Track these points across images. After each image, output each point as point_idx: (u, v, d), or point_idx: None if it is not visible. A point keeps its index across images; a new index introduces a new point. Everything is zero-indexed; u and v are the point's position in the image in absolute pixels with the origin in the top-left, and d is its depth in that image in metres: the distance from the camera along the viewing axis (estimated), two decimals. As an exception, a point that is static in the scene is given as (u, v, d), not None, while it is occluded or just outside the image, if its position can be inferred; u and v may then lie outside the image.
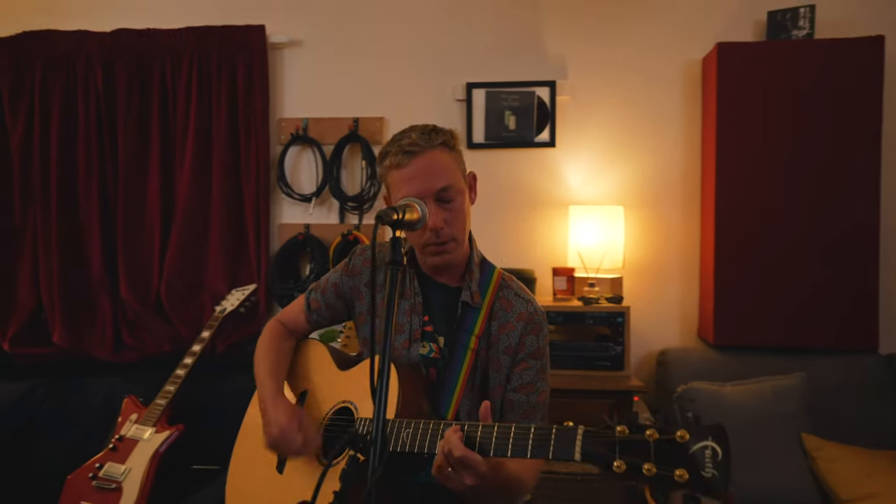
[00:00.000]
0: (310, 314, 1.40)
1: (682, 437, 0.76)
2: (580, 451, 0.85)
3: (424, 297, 1.28)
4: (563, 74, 2.37)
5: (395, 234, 0.88)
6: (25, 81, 2.48)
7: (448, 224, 1.18)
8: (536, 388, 1.24)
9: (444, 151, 1.18)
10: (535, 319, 1.25)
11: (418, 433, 1.04)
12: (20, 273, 2.48)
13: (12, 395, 2.23)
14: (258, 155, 2.42)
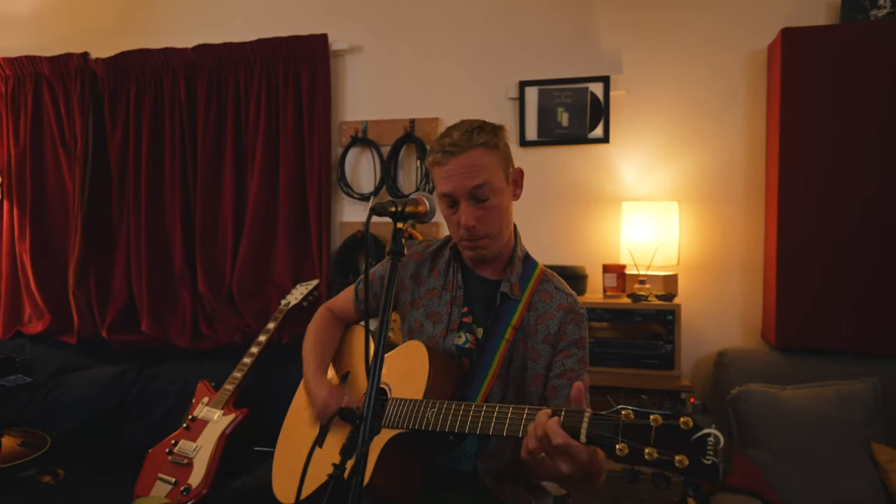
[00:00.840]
0: (358, 303, 1.48)
1: (686, 423, 0.77)
2: (586, 433, 0.87)
3: (466, 289, 1.34)
4: (617, 69, 2.33)
5: (397, 226, 0.93)
6: (121, 96, 2.76)
7: (482, 222, 1.23)
8: (579, 376, 1.26)
9: (482, 151, 1.22)
10: (576, 310, 1.29)
11: (442, 413, 1.09)
12: (116, 268, 2.76)
13: (107, 378, 2.49)
14: (321, 157, 2.55)
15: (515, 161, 2.39)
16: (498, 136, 1.26)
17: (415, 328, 1.38)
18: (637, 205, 2.19)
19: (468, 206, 1.22)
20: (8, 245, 2.91)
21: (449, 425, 1.05)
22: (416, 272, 1.40)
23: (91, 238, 2.76)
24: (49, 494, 2.08)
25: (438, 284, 1.36)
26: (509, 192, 1.27)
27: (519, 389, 1.29)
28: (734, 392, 1.92)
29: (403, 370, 1.25)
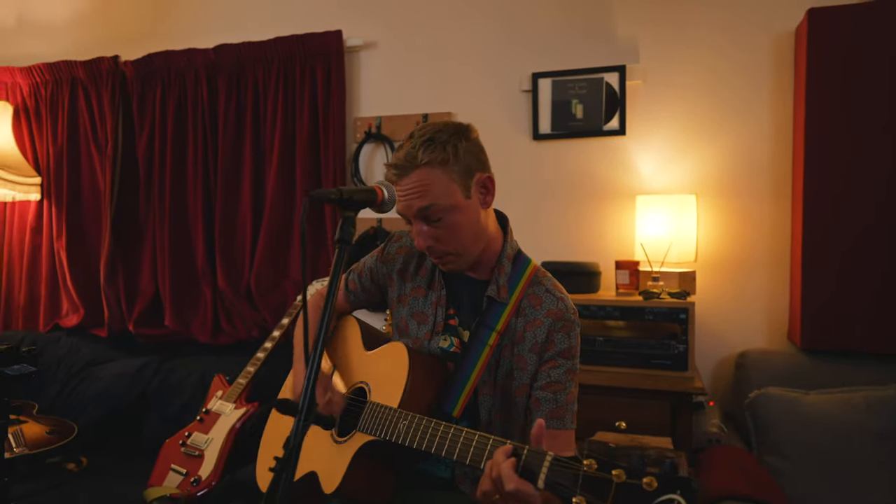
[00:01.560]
0: (348, 294, 1.46)
1: (650, 484, 0.73)
2: (545, 479, 0.83)
3: (453, 289, 1.29)
4: (633, 58, 2.25)
5: (346, 214, 0.91)
6: (148, 97, 2.84)
7: (440, 241, 1.18)
8: (565, 388, 1.20)
9: (427, 170, 1.13)
10: (566, 317, 1.20)
11: (412, 427, 1.06)
12: (143, 264, 2.85)
13: (131, 370, 2.57)
14: (335, 153, 2.56)
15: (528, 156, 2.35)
16: (450, 149, 1.14)
17: (401, 326, 1.34)
18: (652, 198, 2.10)
19: (420, 226, 1.17)
20: (47, 242, 3.04)
21: (417, 442, 1.02)
22: (403, 268, 1.36)
23: (120, 235, 2.86)
24: (71, 481, 2.16)
25: (424, 283, 1.32)
26: (472, 205, 1.18)
27: (506, 398, 1.23)
28: (752, 395, 1.81)
29: (384, 372, 1.23)
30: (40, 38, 3.17)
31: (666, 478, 0.73)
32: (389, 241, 1.40)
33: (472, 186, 1.18)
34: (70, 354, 2.75)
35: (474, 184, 1.18)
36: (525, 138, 2.37)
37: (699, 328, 2.13)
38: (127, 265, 2.86)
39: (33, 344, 2.83)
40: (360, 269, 1.44)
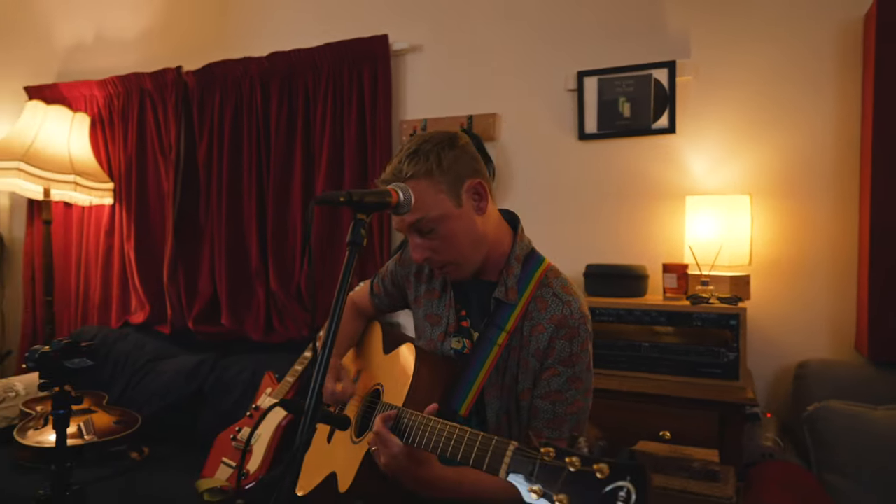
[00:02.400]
0: (373, 298, 1.49)
1: (601, 471, 0.71)
2: (507, 469, 0.82)
3: (463, 291, 1.28)
4: (684, 53, 2.16)
5: (358, 217, 0.91)
6: (207, 104, 2.98)
7: (437, 252, 1.18)
8: (565, 398, 1.16)
9: (415, 182, 1.12)
10: (570, 323, 1.17)
11: (414, 426, 1.05)
12: (202, 265, 2.99)
13: (189, 366, 2.69)
14: (382, 156, 2.59)
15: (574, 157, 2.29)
16: (433, 158, 1.13)
17: (419, 328, 1.36)
18: (703, 199, 2.01)
19: (415, 239, 1.17)
20: (119, 243, 3.24)
21: (417, 441, 1.02)
22: (418, 270, 1.37)
23: (182, 237, 3.01)
24: (134, 469, 2.29)
25: (438, 285, 1.32)
26: (464, 213, 1.16)
27: (512, 401, 1.22)
28: (811, 408, 1.70)
29: (394, 373, 1.24)
30: (114, 53, 3.38)
31: (618, 465, 0.71)
32: (406, 244, 1.40)
33: (463, 194, 1.17)
34: (136, 350, 2.92)
35: (465, 191, 1.17)
36: (570, 138, 2.32)
37: (755, 335, 2.02)
38: (187, 266, 3.00)
39: (104, 339, 3.02)
40: (384, 273, 1.46)
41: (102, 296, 3.29)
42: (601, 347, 1.91)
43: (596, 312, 1.92)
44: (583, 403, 1.20)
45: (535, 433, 1.19)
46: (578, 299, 1.22)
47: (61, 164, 2.97)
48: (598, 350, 1.91)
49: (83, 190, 3.05)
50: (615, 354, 1.89)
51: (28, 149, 2.91)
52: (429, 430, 1.00)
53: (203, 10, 3.14)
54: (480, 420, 1.23)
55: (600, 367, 1.91)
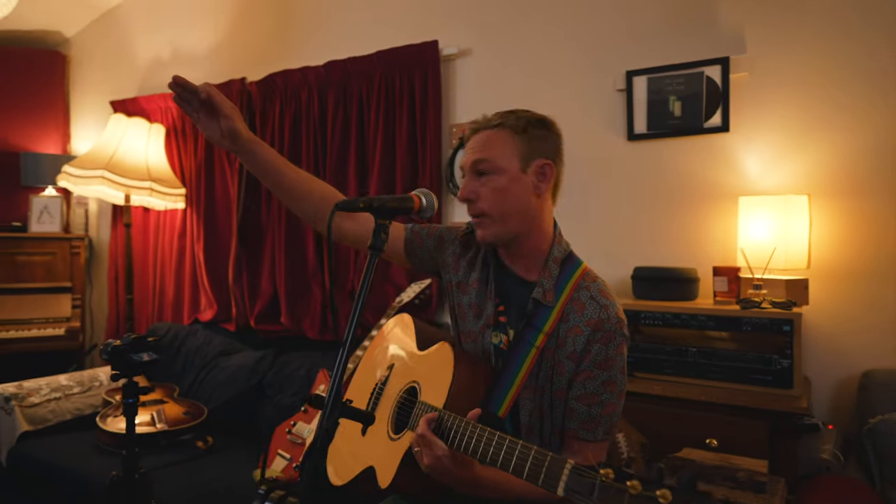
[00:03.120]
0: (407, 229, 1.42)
1: (664, 496, 0.72)
2: (564, 487, 0.83)
3: (501, 286, 1.30)
4: (739, 48, 2.08)
5: (379, 222, 0.95)
6: (269, 112, 3.13)
7: (481, 198, 1.21)
8: (600, 400, 1.18)
9: (497, 131, 1.22)
10: (606, 327, 1.18)
11: (454, 429, 1.06)
12: (263, 266, 3.14)
13: (251, 362, 2.84)
14: (432, 160, 2.64)
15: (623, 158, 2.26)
16: (524, 123, 1.23)
17: (458, 314, 1.37)
18: (757, 200, 1.93)
19: (469, 179, 1.23)
20: (190, 245, 3.45)
21: (461, 445, 1.04)
22: (462, 252, 1.38)
23: (245, 240, 3.17)
24: (199, 457, 2.44)
25: (483, 276, 1.34)
26: (524, 181, 1.21)
27: (545, 401, 1.23)
28: (873, 421, 1.61)
29: (432, 372, 1.26)
30: (187, 67, 3.60)
31: (681, 491, 0.71)
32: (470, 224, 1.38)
33: (532, 165, 1.22)
34: (204, 345, 3.10)
35: (534, 165, 1.22)
36: (619, 139, 2.29)
37: (816, 343, 1.93)
38: (250, 267, 3.16)
39: (176, 335, 3.23)
40: (431, 229, 1.43)
41: (175, 294, 3.52)
42: (646, 351, 1.87)
43: (641, 316, 1.88)
44: (616, 406, 1.20)
45: (570, 434, 1.20)
46: (615, 303, 1.23)
47: (139, 171, 3.20)
48: (643, 354, 1.88)
49: (158, 195, 3.27)
50: (661, 359, 1.85)
51: (111, 158, 3.16)
52: (475, 438, 1.01)
53: (266, 24, 3.30)
54: (515, 421, 1.25)
55: (644, 371, 1.87)
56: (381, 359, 1.49)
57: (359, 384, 1.54)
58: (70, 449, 2.49)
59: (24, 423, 2.60)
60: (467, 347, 1.34)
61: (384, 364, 1.46)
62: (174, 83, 1.18)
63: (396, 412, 1.32)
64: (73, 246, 3.89)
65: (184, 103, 1.21)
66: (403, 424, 1.26)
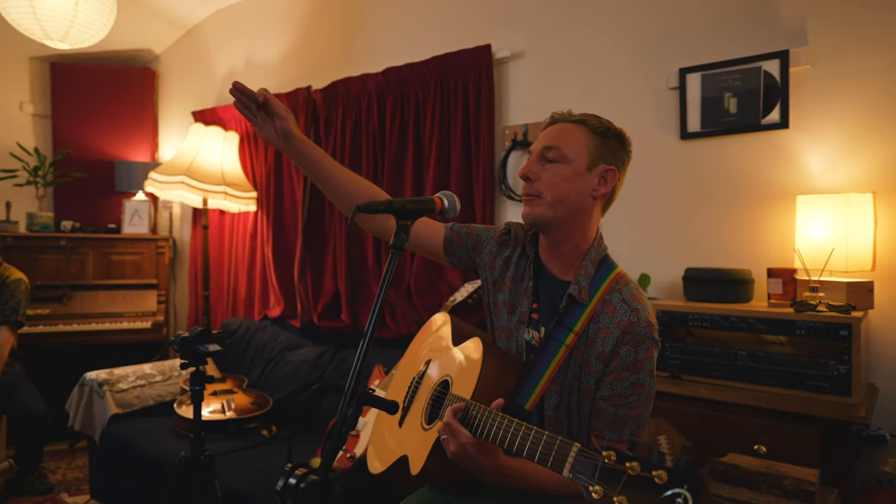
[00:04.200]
0: (448, 228, 1.47)
1: (660, 477, 0.75)
2: (570, 468, 0.87)
3: (538, 285, 1.34)
4: (799, 41, 1.99)
5: (401, 223, 1.01)
6: (332, 119, 3.28)
7: (540, 180, 1.25)
8: (628, 402, 1.19)
9: (576, 126, 1.27)
10: (636, 331, 1.19)
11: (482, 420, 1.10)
12: (326, 266, 3.29)
13: (313, 357, 2.98)
14: (485, 162, 2.68)
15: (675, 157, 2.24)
16: (604, 129, 1.27)
17: (493, 311, 1.40)
18: (817, 199, 1.84)
19: (534, 161, 1.27)
20: (260, 246, 3.67)
21: (484, 433, 1.08)
22: (498, 251, 1.41)
23: (310, 241, 3.33)
24: (263, 444, 2.60)
25: (518, 274, 1.37)
26: (586, 179, 1.25)
27: (572, 397, 1.25)
28: (939, 434, 1.51)
29: (463, 366, 1.31)
30: (259, 77, 3.83)
31: (676, 473, 0.74)
32: (511, 228, 1.43)
33: (598, 168, 1.26)
34: (272, 340, 3.29)
35: (600, 167, 1.26)
36: (672, 138, 2.24)
37: (884, 349, 1.82)
38: (314, 266, 3.32)
39: (247, 330, 3.44)
40: (470, 229, 1.47)
41: (247, 291, 3.74)
42: (694, 354, 1.83)
43: (689, 318, 1.85)
44: (644, 408, 1.21)
45: (596, 433, 1.22)
46: (647, 308, 1.24)
47: (215, 176, 3.43)
48: (691, 357, 1.84)
49: (232, 199, 3.49)
50: (709, 362, 1.81)
51: (190, 164, 3.41)
52: (496, 425, 1.06)
53: (329, 35, 3.45)
54: (541, 414, 1.27)
55: (691, 374, 1.84)
56: (421, 354, 1.56)
57: (399, 378, 1.61)
58: (151, 431, 2.71)
59: (113, 406, 2.86)
60: (501, 343, 1.38)
61: (422, 359, 1.52)
62: (234, 89, 1.30)
63: (431, 404, 1.38)
64: (159, 246, 4.23)
65: (243, 108, 1.33)
66: (436, 416, 1.32)
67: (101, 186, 4.37)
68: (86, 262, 4.00)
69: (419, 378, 1.48)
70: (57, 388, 3.28)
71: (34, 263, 3.75)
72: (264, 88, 1.31)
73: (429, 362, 1.48)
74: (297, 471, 0.95)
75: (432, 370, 1.44)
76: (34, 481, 3.09)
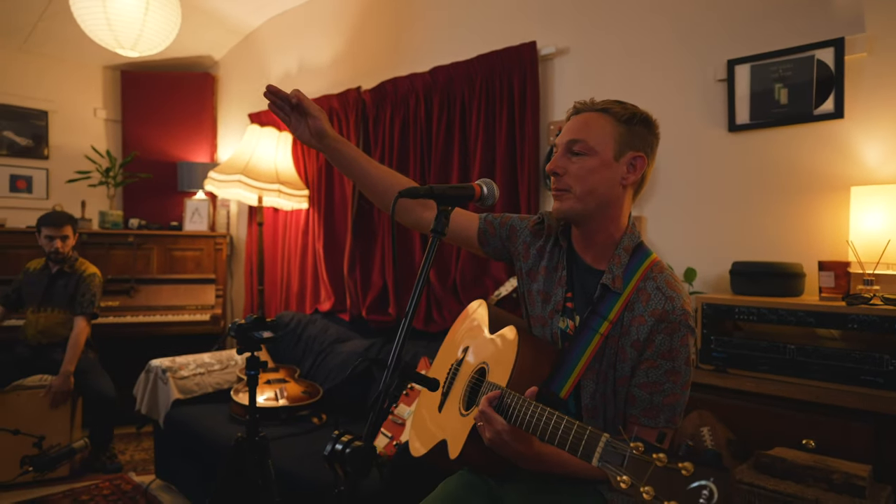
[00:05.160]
0: (482, 218, 1.50)
1: (686, 469, 0.77)
2: (599, 457, 0.89)
3: (572, 275, 1.35)
4: (855, 27, 1.93)
5: (442, 209, 1.05)
6: (381, 118, 3.36)
7: (568, 174, 1.25)
8: (663, 389, 1.20)
9: (599, 115, 1.26)
10: (671, 318, 1.20)
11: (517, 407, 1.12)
12: (374, 261, 3.38)
13: (361, 349, 3.08)
14: (529, 157, 2.70)
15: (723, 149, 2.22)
16: (628, 115, 1.25)
17: (528, 300, 1.43)
18: (873, 189, 1.78)
19: (560, 155, 1.27)
20: (312, 242, 3.80)
21: (518, 421, 1.10)
22: (532, 241, 1.43)
23: (359, 237, 3.43)
24: (313, 430, 2.70)
25: (552, 264, 1.39)
26: (614, 168, 1.24)
27: (608, 386, 1.26)
28: None
29: (498, 354, 1.33)
30: (311, 79, 3.97)
31: (702, 465, 0.75)
32: (543, 217, 1.45)
33: (626, 156, 1.25)
34: (322, 333, 3.40)
35: (628, 155, 1.25)
36: (720, 131, 2.21)
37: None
38: (363, 261, 3.42)
39: (298, 323, 3.57)
40: (503, 219, 1.50)
41: (299, 286, 3.88)
42: (740, 348, 1.81)
43: (735, 311, 1.82)
44: (680, 396, 1.21)
45: (631, 420, 1.23)
46: (681, 295, 1.23)
47: (269, 175, 3.58)
48: (737, 350, 1.82)
49: (285, 196, 3.64)
50: (756, 356, 1.78)
51: (247, 164, 3.57)
52: (529, 414, 1.08)
53: (378, 36, 3.55)
54: (577, 402, 1.29)
55: (737, 368, 1.81)
56: (459, 341, 1.60)
57: (439, 363, 1.66)
58: (209, 416, 2.86)
59: (176, 391, 3.03)
60: (536, 332, 1.40)
61: (460, 345, 1.56)
62: (268, 92, 1.36)
63: (468, 391, 1.42)
64: (217, 243, 4.43)
65: (278, 109, 1.38)
66: (473, 402, 1.36)
67: (164, 186, 4.62)
68: (151, 257, 4.24)
69: (457, 364, 1.52)
70: (126, 375, 3.50)
71: (106, 258, 4.00)
72: (297, 90, 1.36)
73: (466, 349, 1.52)
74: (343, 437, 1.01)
75: (470, 356, 1.48)
76: (105, 461, 3.30)
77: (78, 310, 3.32)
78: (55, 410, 3.16)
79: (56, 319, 3.33)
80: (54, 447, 2.90)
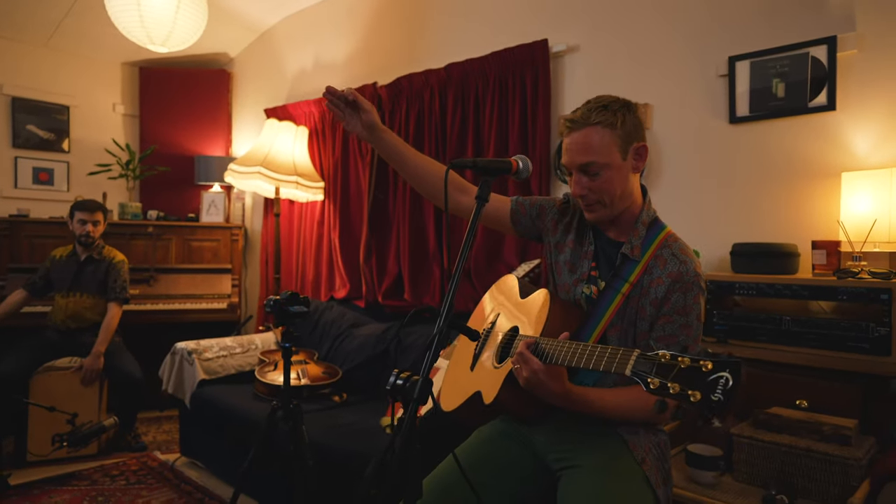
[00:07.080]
0: (514, 201, 1.66)
1: (706, 366, 0.92)
2: (631, 368, 1.05)
3: (596, 248, 1.52)
4: (847, 26, 2.09)
5: (484, 179, 1.21)
6: (396, 113, 3.52)
7: (592, 191, 1.41)
8: (678, 341, 1.37)
9: (596, 129, 1.37)
10: (685, 279, 1.37)
11: (554, 348, 1.29)
12: (389, 249, 3.53)
13: (378, 332, 3.22)
14: (541, 150, 2.86)
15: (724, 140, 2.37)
16: (619, 115, 1.37)
17: (554, 270, 1.60)
18: (861, 174, 1.94)
19: (578, 177, 1.42)
20: (327, 232, 3.95)
21: (554, 360, 1.25)
22: (559, 217, 1.60)
23: (374, 226, 3.58)
24: (335, 407, 2.85)
25: (579, 238, 1.56)
26: (626, 166, 1.40)
27: (630, 342, 1.43)
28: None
29: (531, 313, 1.50)
30: (327, 75, 4.12)
31: (719, 361, 0.90)
32: (566, 196, 1.63)
33: (630, 151, 1.41)
34: (338, 318, 3.55)
35: (632, 149, 1.41)
36: (721, 123, 2.37)
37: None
38: (379, 250, 3.57)
39: (315, 309, 3.71)
40: (532, 200, 1.67)
41: (315, 275, 4.03)
42: (740, 320, 1.97)
43: (736, 287, 1.98)
44: (693, 347, 1.38)
45: None
46: (693, 260, 1.42)
47: (287, 167, 3.73)
48: (737, 322, 1.97)
49: (302, 188, 3.78)
50: (754, 327, 1.94)
51: (265, 157, 3.71)
52: (564, 350, 1.24)
53: (394, 33, 3.70)
54: None
55: (736, 339, 1.97)
56: (490, 309, 1.75)
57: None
58: (234, 395, 3.01)
59: (201, 372, 3.17)
60: (562, 297, 1.57)
61: (492, 312, 1.72)
62: (327, 92, 1.54)
63: (501, 347, 1.57)
64: (233, 234, 4.58)
65: (334, 107, 1.57)
66: (506, 355, 1.51)
67: (182, 179, 4.76)
68: (169, 247, 4.38)
69: (488, 331, 1.67)
70: (146, 360, 3.64)
71: (126, 248, 4.14)
72: (351, 88, 1.54)
73: (498, 315, 1.67)
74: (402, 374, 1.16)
75: (501, 321, 1.63)
76: (130, 440, 3.45)
77: (111, 295, 3.47)
78: (85, 391, 3.30)
79: (85, 304, 3.47)
80: (86, 424, 3.04)
